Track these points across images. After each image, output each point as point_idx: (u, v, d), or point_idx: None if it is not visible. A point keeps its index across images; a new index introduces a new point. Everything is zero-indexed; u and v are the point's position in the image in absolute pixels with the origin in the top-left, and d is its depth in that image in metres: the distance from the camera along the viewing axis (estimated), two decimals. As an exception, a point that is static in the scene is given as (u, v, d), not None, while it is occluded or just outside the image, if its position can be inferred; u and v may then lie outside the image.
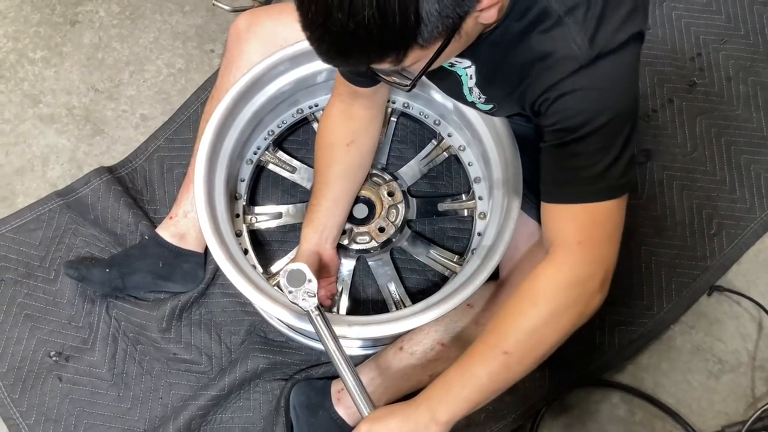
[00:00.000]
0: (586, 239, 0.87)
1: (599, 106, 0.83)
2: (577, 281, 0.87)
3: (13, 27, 1.67)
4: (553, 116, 0.85)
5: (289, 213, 1.38)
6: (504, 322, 0.90)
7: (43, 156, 1.56)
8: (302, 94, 1.36)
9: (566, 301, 0.88)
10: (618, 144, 0.86)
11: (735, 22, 1.68)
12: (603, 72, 0.81)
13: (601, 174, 0.86)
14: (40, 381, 1.36)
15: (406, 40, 0.73)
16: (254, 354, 1.33)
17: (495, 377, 0.89)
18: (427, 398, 0.92)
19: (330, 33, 0.71)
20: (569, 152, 0.86)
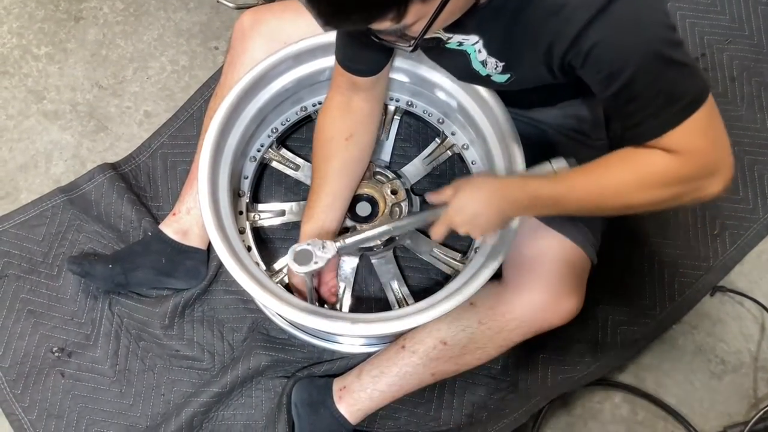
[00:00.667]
0: (695, 150, 0.85)
1: (633, 43, 0.80)
2: (678, 168, 0.85)
3: (18, 23, 1.68)
4: (593, 67, 0.83)
5: (293, 210, 1.38)
6: (609, 166, 0.90)
7: (46, 152, 1.56)
8: (306, 92, 1.36)
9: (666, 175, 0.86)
10: (673, 65, 0.82)
11: (739, 23, 1.67)
12: (623, 10, 0.79)
13: (683, 91, 0.83)
14: (43, 377, 1.36)
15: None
16: (256, 351, 1.33)
17: (582, 207, 0.93)
18: (516, 201, 0.95)
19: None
20: (630, 96, 0.83)
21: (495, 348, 1.16)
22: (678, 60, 0.83)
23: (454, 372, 1.20)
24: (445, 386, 1.36)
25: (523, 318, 1.12)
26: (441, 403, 1.36)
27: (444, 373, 1.20)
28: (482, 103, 1.24)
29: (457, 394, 1.36)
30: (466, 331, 1.15)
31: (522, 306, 1.11)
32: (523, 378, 1.37)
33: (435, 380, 1.22)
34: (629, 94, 0.83)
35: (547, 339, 1.35)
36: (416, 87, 1.35)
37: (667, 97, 0.82)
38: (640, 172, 0.87)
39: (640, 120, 0.85)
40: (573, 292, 1.11)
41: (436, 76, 1.29)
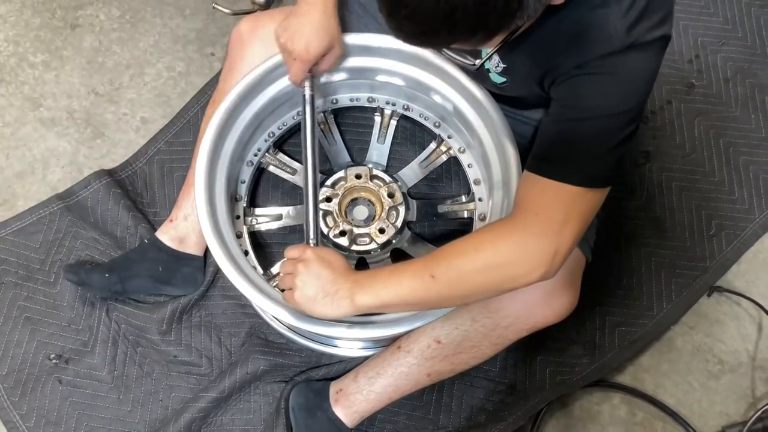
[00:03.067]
0: (544, 213, 0.87)
1: (614, 97, 0.84)
2: (522, 248, 0.88)
3: (14, 31, 1.68)
4: (566, 91, 0.86)
5: (290, 215, 1.38)
6: (446, 252, 0.92)
7: (43, 159, 1.56)
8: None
9: (504, 260, 0.89)
10: (615, 139, 0.86)
11: (733, 24, 1.69)
12: (630, 63, 0.82)
13: (587, 160, 0.86)
14: (40, 384, 1.36)
15: (501, 24, 0.71)
16: (254, 356, 1.33)
17: (413, 292, 0.93)
18: (356, 280, 0.96)
19: (422, 13, 0.69)
20: (566, 131, 0.86)
21: (490, 346, 1.16)
22: (629, 139, 0.87)
23: (450, 372, 1.20)
24: (443, 389, 1.36)
25: (516, 315, 1.12)
26: (439, 406, 1.36)
27: (440, 373, 1.20)
28: (478, 106, 1.25)
29: (456, 396, 1.36)
30: (459, 329, 1.15)
31: (515, 303, 1.11)
32: (521, 380, 1.37)
33: (431, 381, 1.21)
34: (575, 129, 0.85)
35: (544, 340, 1.36)
36: (412, 91, 1.36)
37: (595, 156, 0.85)
38: (477, 239, 0.91)
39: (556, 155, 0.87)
40: (567, 289, 1.11)
41: (432, 79, 1.29)
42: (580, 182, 0.87)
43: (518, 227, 0.89)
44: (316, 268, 0.97)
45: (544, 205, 0.87)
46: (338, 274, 0.97)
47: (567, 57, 0.84)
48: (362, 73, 1.33)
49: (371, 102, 1.41)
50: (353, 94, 1.40)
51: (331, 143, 1.44)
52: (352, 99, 1.41)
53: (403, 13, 0.70)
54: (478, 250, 0.90)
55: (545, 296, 1.11)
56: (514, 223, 0.90)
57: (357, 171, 1.36)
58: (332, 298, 0.96)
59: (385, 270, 0.97)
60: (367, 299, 0.95)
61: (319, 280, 0.97)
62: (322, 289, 0.96)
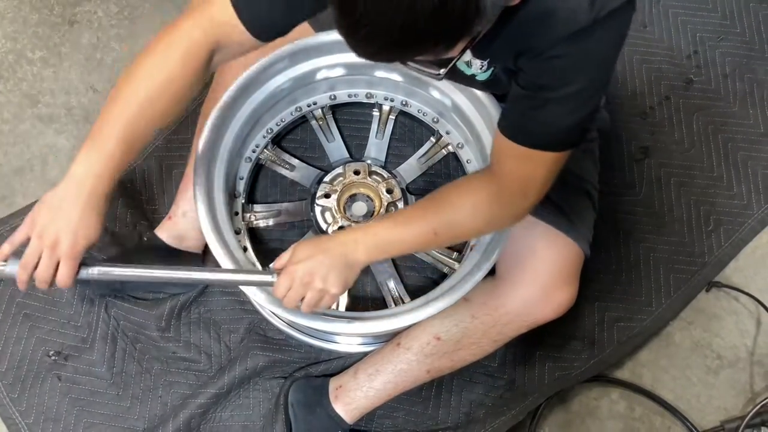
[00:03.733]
0: (526, 180, 0.95)
1: (582, 71, 0.85)
2: (511, 210, 0.99)
3: (12, 27, 1.68)
4: (536, 71, 0.87)
5: (288, 211, 1.38)
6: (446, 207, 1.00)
7: (42, 156, 1.56)
8: (301, 92, 1.36)
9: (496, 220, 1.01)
10: (586, 108, 0.89)
11: (731, 20, 1.69)
12: (595, 39, 0.82)
13: (561, 130, 0.90)
14: (39, 380, 1.36)
15: (461, 31, 0.71)
16: (254, 352, 1.33)
17: (418, 246, 1.03)
18: (356, 240, 0.98)
19: (382, 30, 0.68)
20: (537, 104, 0.88)
21: (489, 343, 1.16)
22: (597, 106, 0.92)
23: (449, 368, 1.20)
24: (442, 385, 1.36)
25: (516, 312, 1.12)
26: (439, 402, 1.36)
27: (439, 369, 1.20)
28: (477, 101, 1.25)
29: (455, 392, 1.36)
30: (459, 326, 1.15)
31: (515, 300, 1.11)
32: (520, 375, 1.37)
33: (431, 377, 1.22)
34: (545, 103, 0.88)
35: (543, 336, 1.36)
36: (411, 86, 1.36)
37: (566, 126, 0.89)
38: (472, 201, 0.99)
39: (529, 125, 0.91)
40: (566, 285, 1.11)
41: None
42: (555, 149, 0.92)
43: (506, 193, 0.97)
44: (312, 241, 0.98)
45: (525, 172, 0.94)
46: (336, 243, 0.98)
47: (538, 38, 0.84)
48: (360, 69, 1.33)
49: (369, 98, 1.41)
50: (351, 90, 1.40)
51: (330, 139, 1.44)
52: (350, 95, 1.41)
53: (362, 32, 0.69)
54: (476, 211, 0.99)
55: (544, 293, 1.11)
56: (502, 188, 0.97)
57: (355, 167, 1.36)
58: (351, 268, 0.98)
59: (387, 223, 1.00)
60: (371, 255, 0.98)
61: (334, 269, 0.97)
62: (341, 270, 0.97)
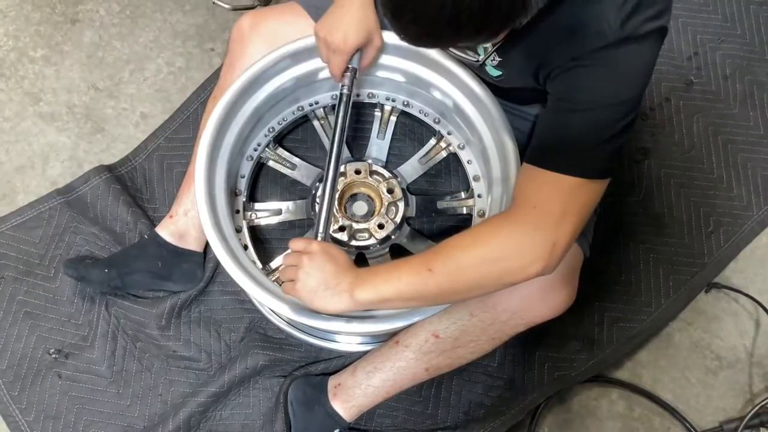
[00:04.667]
0: (541, 206, 0.87)
1: (610, 88, 0.84)
2: (520, 241, 0.88)
3: (14, 26, 1.68)
4: (563, 84, 0.86)
5: (289, 210, 1.38)
6: (445, 247, 0.93)
7: (43, 154, 1.56)
8: (303, 92, 1.37)
9: (502, 254, 0.89)
10: (612, 130, 0.87)
11: (732, 22, 1.69)
12: (625, 56, 0.83)
13: (584, 151, 0.86)
14: (40, 378, 1.36)
15: (507, 23, 0.72)
16: (254, 351, 1.34)
17: (412, 286, 0.93)
18: (357, 275, 0.97)
19: (427, 17, 0.69)
20: (563, 122, 0.87)
21: (488, 341, 1.16)
22: (626, 130, 0.87)
23: (448, 367, 1.20)
24: (442, 384, 1.36)
25: (514, 310, 1.12)
26: (438, 401, 1.36)
27: (438, 367, 1.20)
28: (478, 102, 1.25)
29: (454, 391, 1.36)
30: (457, 324, 1.15)
31: (513, 298, 1.11)
32: (519, 375, 1.37)
33: (429, 376, 1.22)
34: (571, 121, 0.86)
35: (543, 336, 1.37)
36: (412, 87, 1.36)
37: (591, 147, 0.85)
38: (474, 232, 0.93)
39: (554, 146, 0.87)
40: (565, 285, 1.11)
41: (432, 75, 1.29)
42: (578, 174, 0.87)
43: (516, 220, 0.89)
44: (321, 261, 0.98)
45: (542, 198, 0.87)
46: (341, 269, 0.98)
47: (561, 50, 0.84)
48: (373, 68, 1.33)
49: (371, 98, 1.41)
50: (354, 90, 1.40)
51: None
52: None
53: (408, 17, 0.71)
54: (476, 244, 0.90)
55: (543, 291, 1.11)
56: (512, 216, 0.90)
57: (357, 166, 1.36)
58: (333, 291, 0.97)
59: (386, 266, 0.99)
60: (367, 294, 0.96)
61: (322, 273, 0.97)
62: (324, 281, 0.97)
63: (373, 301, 0.96)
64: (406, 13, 0.70)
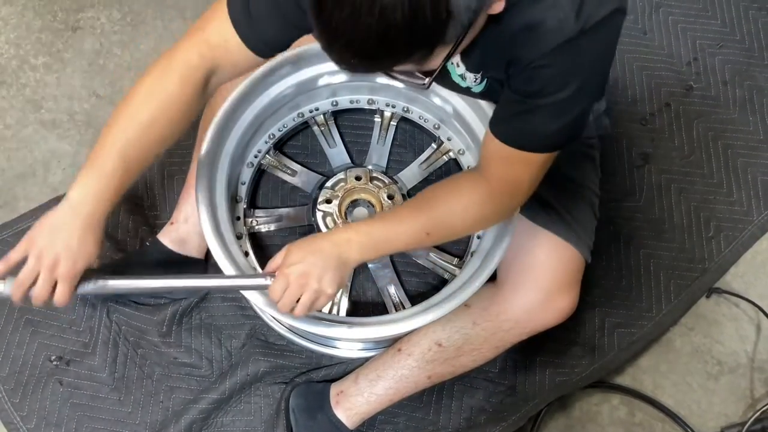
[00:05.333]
0: (515, 180, 0.97)
1: (570, 79, 0.85)
2: (501, 209, 1.02)
3: (15, 33, 1.69)
4: (524, 80, 0.87)
5: (290, 216, 1.39)
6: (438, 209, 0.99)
7: (44, 161, 1.57)
8: (303, 98, 1.37)
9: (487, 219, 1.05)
10: (574, 112, 0.89)
11: (731, 27, 1.69)
12: (584, 48, 0.83)
13: (548, 133, 0.91)
14: (41, 385, 1.36)
15: (435, 38, 0.72)
16: (255, 357, 1.34)
17: (409, 245, 1.01)
18: (349, 239, 0.97)
19: (357, 39, 0.69)
20: (527, 108, 0.89)
21: (490, 349, 1.16)
22: (586, 111, 0.92)
23: (450, 374, 1.20)
24: (443, 390, 1.36)
25: (517, 318, 1.12)
26: (439, 407, 1.36)
27: (440, 375, 1.20)
28: (478, 108, 1.26)
29: (456, 397, 1.36)
30: (460, 332, 1.15)
31: (516, 306, 1.12)
32: (520, 381, 1.37)
33: (432, 383, 1.22)
34: (534, 108, 0.89)
35: (544, 342, 1.36)
36: (412, 93, 1.36)
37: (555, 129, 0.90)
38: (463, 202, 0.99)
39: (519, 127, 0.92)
40: (567, 292, 1.12)
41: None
42: (546, 150, 0.93)
43: (494, 190, 0.98)
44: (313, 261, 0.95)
45: (514, 173, 0.96)
46: (337, 248, 0.96)
47: (526, 50, 0.85)
48: (362, 76, 1.34)
49: (371, 104, 1.42)
50: (353, 96, 1.41)
51: (331, 145, 1.45)
52: (352, 101, 1.42)
53: (340, 42, 0.71)
54: (467, 212, 0.99)
55: (546, 299, 1.12)
56: (490, 187, 0.98)
57: (357, 173, 1.36)
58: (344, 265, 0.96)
59: (383, 227, 0.99)
60: (364, 254, 0.97)
61: (327, 264, 0.95)
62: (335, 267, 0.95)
63: (369, 258, 1.00)
64: (337, 38, 0.71)
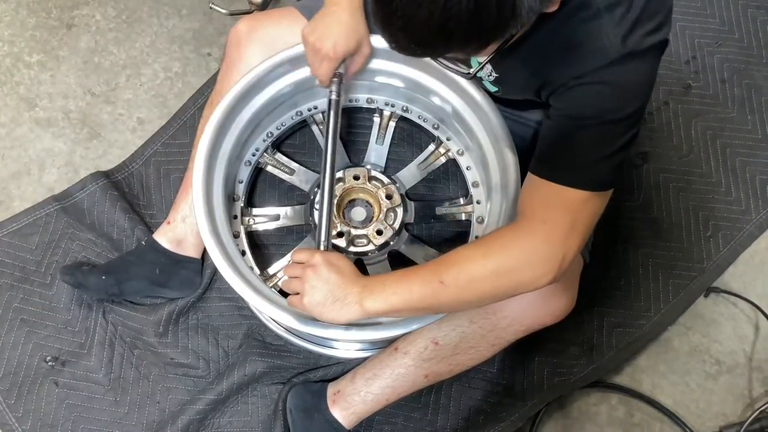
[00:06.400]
0: (551, 220, 0.89)
1: (613, 104, 0.84)
2: (531, 255, 0.90)
3: (9, 31, 1.67)
4: (566, 102, 0.86)
5: (287, 215, 1.38)
6: (455, 258, 0.93)
7: (39, 160, 1.55)
8: (301, 97, 1.36)
9: (514, 266, 0.90)
10: (617, 144, 0.87)
11: (729, 26, 1.69)
12: (627, 72, 0.83)
13: (590, 165, 0.88)
14: (37, 386, 1.35)
15: (496, 34, 0.72)
16: (252, 358, 1.33)
17: (423, 298, 0.94)
18: (365, 285, 0.96)
19: (416, 25, 0.69)
20: (568, 136, 0.87)
21: (487, 347, 1.16)
22: (630, 143, 0.88)
23: (447, 373, 1.20)
24: (441, 390, 1.36)
25: (514, 316, 1.12)
26: (437, 408, 1.36)
27: (437, 374, 1.20)
28: (477, 109, 1.25)
29: (454, 398, 1.36)
30: (457, 331, 1.15)
31: (513, 304, 1.11)
32: (519, 381, 1.37)
33: (429, 382, 1.21)
34: (576, 135, 0.86)
35: (542, 342, 1.36)
36: (411, 92, 1.35)
37: (596, 160, 0.86)
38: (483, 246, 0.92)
39: (559, 159, 0.88)
40: (565, 291, 1.11)
41: (431, 81, 1.29)
42: (584, 187, 0.88)
43: (526, 234, 0.90)
44: (326, 273, 0.97)
45: (551, 212, 0.89)
46: (347, 279, 0.97)
47: (563, 69, 0.84)
48: (361, 75, 1.33)
49: (370, 103, 1.41)
50: (352, 95, 1.40)
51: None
52: (351, 100, 1.41)
53: (397, 24, 0.71)
54: (487, 257, 0.91)
55: (543, 298, 1.11)
56: (521, 230, 0.91)
57: (355, 172, 1.35)
58: (341, 303, 0.96)
59: (394, 275, 0.98)
60: (377, 305, 0.95)
61: (328, 285, 0.97)
62: (331, 294, 0.96)
63: (383, 312, 0.96)
64: (395, 20, 0.71)
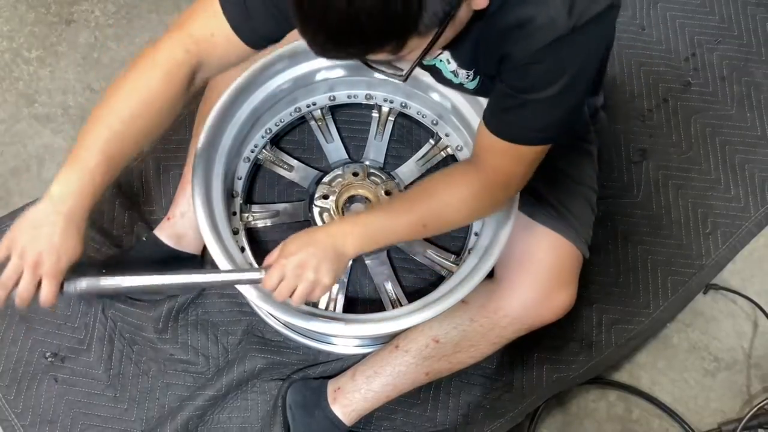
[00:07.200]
0: (509, 172, 0.97)
1: (562, 75, 0.85)
2: (496, 200, 1.03)
3: (8, 26, 1.67)
4: (516, 76, 0.88)
5: (286, 211, 1.38)
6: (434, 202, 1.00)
7: (38, 156, 1.55)
8: (301, 93, 1.36)
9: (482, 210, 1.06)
10: (565, 107, 0.90)
11: (728, 23, 1.69)
12: (576, 45, 0.83)
13: (540, 127, 0.91)
14: (36, 382, 1.35)
15: (407, 28, 0.73)
16: (251, 354, 1.33)
17: (406, 237, 1.06)
18: (346, 231, 0.98)
19: (329, 22, 0.70)
20: (519, 102, 0.89)
21: (488, 345, 1.16)
22: (579, 104, 0.93)
23: (447, 371, 1.20)
24: (440, 386, 1.36)
25: (514, 315, 1.12)
26: (437, 404, 1.36)
27: (438, 372, 1.20)
28: (476, 104, 1.25)
29: (453, 394, 1.36)
30: (458, 329, 1.15)
31: (513, 302, 1.11)
32: (518, 377, 1.37)
33: (429, 380, 1.22)
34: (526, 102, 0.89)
35: (541, 338, 1.36)
36: (410, 88, 1.35)
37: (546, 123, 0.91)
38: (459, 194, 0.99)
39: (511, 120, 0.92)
40: (564, 288, 1.11)
41: (429, 77, 1.29)
42: (539, 143, 0.93)
43: (489, 183, 0.99)
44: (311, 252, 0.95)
45: (508, 165, 0.97)
46: (333, 240, 0.97)
47: (518, 47, 0.85)
48: (360, 70, 1.33)
49: (369, 99, 1.41)
50: (351, 91, 1.40)
51: (329, 140, 1.44)
52: (349, 96, 1.41)
53: (313, 25, 0.72)
54: (462, 203, 1.00)
55: (544, 295, 1.11)
56: (485, 179, 0.98)
57: (354, 168, 1.35)
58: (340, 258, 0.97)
59: (380, 220, 1.00)
60: (361, 247, 0.98)
61: (325, 256, 0.95)
62: (331, 260, 0.96)
63: (366, 250, 1.00)
64: (311, 21, 0.72)
